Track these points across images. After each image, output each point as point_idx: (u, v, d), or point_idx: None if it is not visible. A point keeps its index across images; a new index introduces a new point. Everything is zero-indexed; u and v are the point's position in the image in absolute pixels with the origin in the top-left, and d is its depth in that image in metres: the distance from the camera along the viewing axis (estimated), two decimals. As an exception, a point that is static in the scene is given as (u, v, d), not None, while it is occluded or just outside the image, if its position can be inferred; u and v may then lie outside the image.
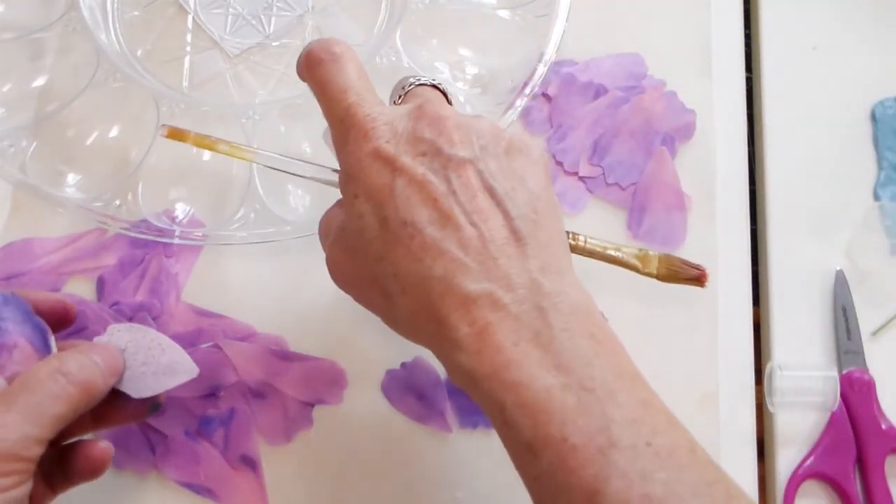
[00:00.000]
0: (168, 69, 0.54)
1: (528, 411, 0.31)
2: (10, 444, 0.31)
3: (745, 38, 0.58)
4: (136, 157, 0.50)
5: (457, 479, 0.46)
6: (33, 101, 0.51)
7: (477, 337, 0.32)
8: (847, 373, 0.48)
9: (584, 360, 0.31)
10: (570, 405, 0.30)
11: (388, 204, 0.33)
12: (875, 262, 0.51)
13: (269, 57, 0.55)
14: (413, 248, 0.33)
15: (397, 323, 0.35)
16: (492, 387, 0.31)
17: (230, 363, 0.47)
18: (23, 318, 0.35)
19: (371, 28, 0.56)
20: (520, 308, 0.32)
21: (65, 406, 0.33)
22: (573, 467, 0.30)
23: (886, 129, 0.54)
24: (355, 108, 0.36)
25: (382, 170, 0.34)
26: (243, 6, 0.56)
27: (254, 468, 0.45)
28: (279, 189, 0.50)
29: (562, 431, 0.30)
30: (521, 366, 0.31)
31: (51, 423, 0.33)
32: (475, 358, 0.32)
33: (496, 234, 0.33)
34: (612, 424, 0.30)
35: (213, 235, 0.48)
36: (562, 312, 0.32)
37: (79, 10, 0.52)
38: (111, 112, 0.51)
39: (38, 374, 0.33)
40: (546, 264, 0.33)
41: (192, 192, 0.50)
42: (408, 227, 0.33)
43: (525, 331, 0.32)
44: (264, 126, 0.50)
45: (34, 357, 0.35)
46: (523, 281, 0.32)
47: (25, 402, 0.32)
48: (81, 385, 0.34)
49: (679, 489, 0.29)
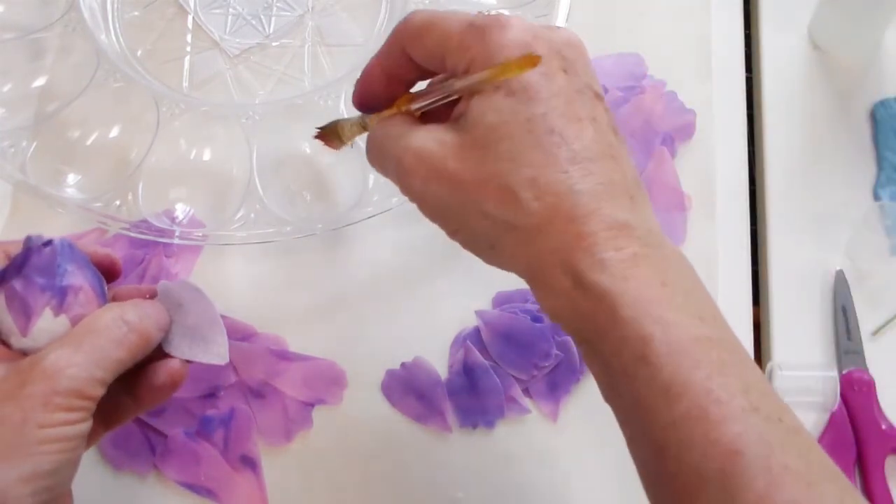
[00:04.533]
0: (168, 69, 0.54)
1: (673, 351, 0.29)
2: (79, 382, 0.32)
3: (745, 38, 0.58)
4: (136, 158, 0.50)
5: (457, 479, 0.46)
6: (33, 101, 0.52)
7: (625, 263, 0.30)
8: (847, 373, 0.48)
9: (717, 318, 0.31)
10: (714, 359, 0.29)
11: (537, 105, 0.31)
12: (875, 262, 0.51)
13: (268, 57, 0.55)
14: (560, 158, 0.31)
15: (510, 228, 0.32)
16: (637, 316, 0.30)
17: (230, 363, 0.47)
18: (84, 265, 0.37)
19: (371, 28, 0.56)
20: (660, 251, 0.31)
21: (126, 352, 0.34)
22: (716, 420, 0.28)
23: (886, 129, 0.54)
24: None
25: (530, 71, 0.31)
26: (243, 6, 0.56)
27: (254, 468, 0.45)
28: (279, 189, 0.50)
29: (707, 382, 0.29)
30: (669, 305, 0.30)
31: (113, 366, 0.34)
32: (621, 282, 0.30)
33: (629, 174, 0.32)
34: (751, 389, 0.29)
35: (214, 235, 0.48)
36: (686, 266, 0.32)
37: (79, 10, 0.52)
38: (111, 112, 0.51)
39: (103, 320, 0.35)
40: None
41: (192, 193, 0.50)
42: (554, 136, 0.31)
43: (670, 273, 0.31)
44: (264, 126, 0.50)
45: (95, 302, 0.36)
46: (657, 228, 0.32)
47: (91, 346, 0.33)
48: (140, 333, 0.35)
49: (814, 469, 0.29)
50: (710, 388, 0.29)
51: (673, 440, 0.29)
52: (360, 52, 0.55)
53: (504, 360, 0.48)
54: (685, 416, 0.29)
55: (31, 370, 0.32)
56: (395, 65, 0.35)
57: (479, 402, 0.47)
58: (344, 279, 0.50)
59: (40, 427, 0.31)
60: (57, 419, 0.32)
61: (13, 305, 0.35)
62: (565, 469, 0.46)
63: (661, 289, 0.30)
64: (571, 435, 0.47)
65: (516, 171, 0.31)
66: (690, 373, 0.29)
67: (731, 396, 0.29)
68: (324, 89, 0.51)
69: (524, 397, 0.47)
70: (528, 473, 0.46)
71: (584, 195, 0.31)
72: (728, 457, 0.28)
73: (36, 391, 0.32)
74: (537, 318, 0.48)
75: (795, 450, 0.29)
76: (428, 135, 0.33)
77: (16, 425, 0.31)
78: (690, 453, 0.29)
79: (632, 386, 0.30)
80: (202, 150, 0.51)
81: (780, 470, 0.28)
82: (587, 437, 0.47)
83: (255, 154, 0.49)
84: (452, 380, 0.47)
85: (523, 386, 0.48)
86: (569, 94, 0.32)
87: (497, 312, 0.49)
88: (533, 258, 0.32)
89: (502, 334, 0.48)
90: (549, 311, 0.32)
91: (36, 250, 0.35)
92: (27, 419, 0.31)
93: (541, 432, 0.47)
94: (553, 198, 0.31)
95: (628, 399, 0.31)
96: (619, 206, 0.31)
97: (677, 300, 0.30)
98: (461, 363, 0.48)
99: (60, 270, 0.35)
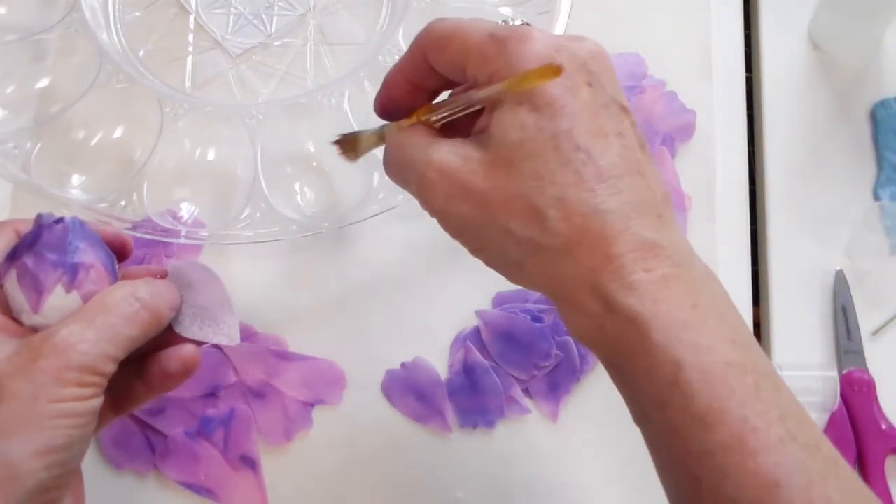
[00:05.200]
0: (170, 69, 0.54)
1: (707, 378, 0.28)
2: (90, 357, 0.32)
3: (745, 38, 0.58)
4: (140, 158, 0.50)
5: (457, 479, 0.46)
6: (37, 102, 0.52)
7: (655, 285, 0.29)
8: (847, 373, 0.48)
9: (748, 341, 0.30)
10: (749, 384, 0.29)
11: (562, 120, 0.31)
12: (875, 262, 0.51)
13: (271, 56, 0.55)
14: (586, 176, 0.30)
15: (535, 247, 0.31)
16: (668, 341, 0.29)
17: (230, 363, 0.47)
18: (95, 243, 0.36)
19: (373, 27, 0.56)
20: (691, 272, 0.31)
21: (137, 329, 0.34)
22: (753, 450, 0.28)
23: (886, 129, 0.54)
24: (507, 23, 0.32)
25: (554, 85, 0.31)
26: (245, 6, 0.56)
27: (254, 468, 0.45)
28: (284, 188, 0.50)
29: (742, 410, 0.28)
30: (701, 330, 0.29)
31: (124, 343, 0.34)
32: (651, 305, 0.29)
33: (657, 191, 0.32)
34: (787, 417, 0.29)
35: (219, 235, 0.48)
36: (716, 286, 0.31)
37: (80, 11, 0.52)
38: (115, 113, 0.51)
39: (114, 296, 0.34)
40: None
41: (197, 192, 0.50)
42: (580, 153, 0.30)
43: (701, 294, 0.30)
44: (268, 125, 0.50)
45: (106, 280, 0.36)
46: (687, 247, 0.31)
47: (103, 322, 0.33)
48: (152, 311, 0.35)
49: (853, 492, 0.28)
50: (745, 416, 0.28)
51: (708, 470, 0.28)
52: (361, 50, 0.55)
53: (504, 360, 0.48)
54: (721, 446, 0.28)
55: (42, 346, 0.32)
56: (417, 73, 0.35)
57: (479, 402, 0.47)
58: (344, 279, 0.50)
59: (53, 402, 0.31)
60: (69, 394, 0.32)
61: (25, 282, 0.35)
62: (565, 469, 0.46)
63: (692, 311, 0.29)
64: (571, 435, 0.47)
65: (542, 190, 0.30)
66: (726, 400, 0.28)
67: (769, 425, 0.28)
68: (327, 88, 0.51)
69: (524, 397, 0.47)
70: (528, 473, 0.46)
71: (612, 214, 0.30)
72: (766, 488, 0.27)
73: (48, 366, 0.32)
74: (537, 318, 0.48)
75: (836, 481, 0.28)
76: (452, 149, 0.32)
77: (28, 400, 0.31)
78: (726, 484, 0.28)
79: (664, 413, 0.29)
80: (206, 149, 0.51)
81: (820, 502, 0.27)
82: (587, 437, 0.47)
83: (260, 153, 0.49)
84: (452, 380, 0.48)
85: (523, 386, 0.48)
86: (594, 108, 0.31)
87: (497, 312, 0.49)
88: (560, 279, 0.31)
89: (502, 334, 0.48)
90: (578, 334, 0.32)
91: (48, 227, 0.35)
92: (39, 394, 0.31)
93: (541, 432, 0.47)
94: (580, 218, 0.30)
95: (660, 426, 0.30)
96: (647, 224, 0.31)
97: (710, 323, 0.30)
98: (461, 363, 0.48)
99: (72, 247, 0.35)
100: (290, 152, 0.51)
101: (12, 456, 0.30)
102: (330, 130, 0.43)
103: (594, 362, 0.48)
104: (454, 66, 0.33)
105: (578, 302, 0.31)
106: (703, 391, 0.28)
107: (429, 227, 0.52)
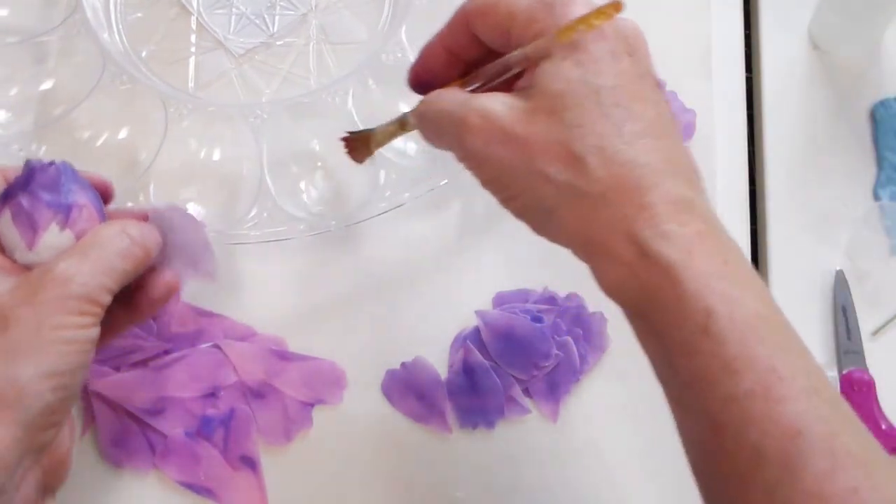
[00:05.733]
0: (173, 70, 0.54)
1: (738, 326, 0.29)
2: (89, 288, 0.34)
3: (745, 38, 0.58)
4: (146, 159, 0.50)
5: (457, 479, 0.46)
6: (41, 104, 0.52)
7: (689, 237, 0.30)
8: (847, 373, 0.48)
9: (774, 303, 0.31)
10: (777, 338, 0.29)
11: (605, 78, 0.32)
12: (875, 262, 0.51)
13: (273, 56, 0.55)
14: (624, 131, 0.31)
15: (572, 193, 0.32)
16: (700, 289, 0.29)
17: (230, 363, 0.47)
18: (85, 186, 0.38)
19: (375, 25, 0.56)
20: (721, 234, 0.32)
21: (130, 263, 0.36)
22: (779, 398, 0.28)
23: (886, 129, 0.54)
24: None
25: (599, 46, 0.32)
26: (246, 6, 0.56)
27: (254, 468, 0.45)
28: (290, 187, 0.50)
29: (770, 359, 0.29)
30: (732, 282, 0.30)
31: (118, 276, 0.36)
32: (685, 255, 0.30)
33: (690, 160, 0.33)
34: (812, 372, 0.29)
35: (227, 235, 0.48)
36: (742, 253, 0.32)
37: (82, 12, 0.52)
38: (119, 114, 0.51)
39: (107, 233, 0.36)
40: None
41: (203, 192, 0.50)
42: (621, 109, 0.32)
43: (730, 253, 0.31)
44: (272, 125, 0.50)
45: (96, 220, 0.38)
46: (715, 213, 0.32)
47: (98, 256, 0.35)
48: (142, 246, 0.37)
49: (871, 449, 0.29)
50: (773, 366, 0.29)
51: (733, 416, 0.29)
52: (364, 49, 0.55)
53: (504, 360, 0.48)
54: (747, 393, 0.28)
55: (43, 278, 0.34)
56: (458, 42, 0.36)
57: (479, 402, 0.47)
58: (343, 279, 0.50)
59: (55, 329, 0.33)
60: (71, 322, 0.33)
61: (19, 220, 0.36)
62: (565, 469, 0.46)
63: (724, 266, 0.30)
64: (571, 435, 0.47)
65: (584, 138, 0.31)
66: (754, 348, 0.29)
67: (794, 376, 0.29)
68: (331, 87, 0.51)
69: (524, 397, 0.47)
70: (528, 473, 0.46)
71: (648, 168, 0.31)
72: (789, 436, 0.28)
73: (50, 297, 0.33)
74: (537, 318, 0.48)
75: (856, 435, 0.29)
76: (495, 99, 0.33)
77: (33, 327, 0.33)
78: (751, 431, 0.28)
79: (691, 360, 0.30)
80: (212, 149, 0.51)
81: (843, 453, 0.28)
82: (587, 437, 0.47)
83: (265, 152, 0.49)
84: (452, 380, 0.48)
85: (523, 386, 0.48)
86: (633, 75, 0.33)
87: (497, 312, 0.49)
88: (594, 227, 0.32)
89: (502, 334, 0.48)
90: (608, 283, 0.32)
91: (41, 169, 0.37)
92: (43, 322, 0.33)
93: (541, 432, 0.47)
94: (619, 168, 0.31)
95: (686, 373, 0.30)
96: (681, 183, 0.32)
97: (740, 278, 0.30)
98: (461, 363, 0.48)
99: (65, 188, 0.37)
100: (295, 151, 0.51)
101: (20, 378, 0.32)
102: (334, 129, 0.43)
103: (594, 362, 0.48)
104: (499, 30, 0.34)
105: (612, 249, 0.31)
106: (732, 339, 0.29)
107: (428, 227, 0.52)
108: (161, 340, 0.47)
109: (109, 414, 0.46)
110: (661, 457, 0.45)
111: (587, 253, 0.33)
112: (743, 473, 0.29)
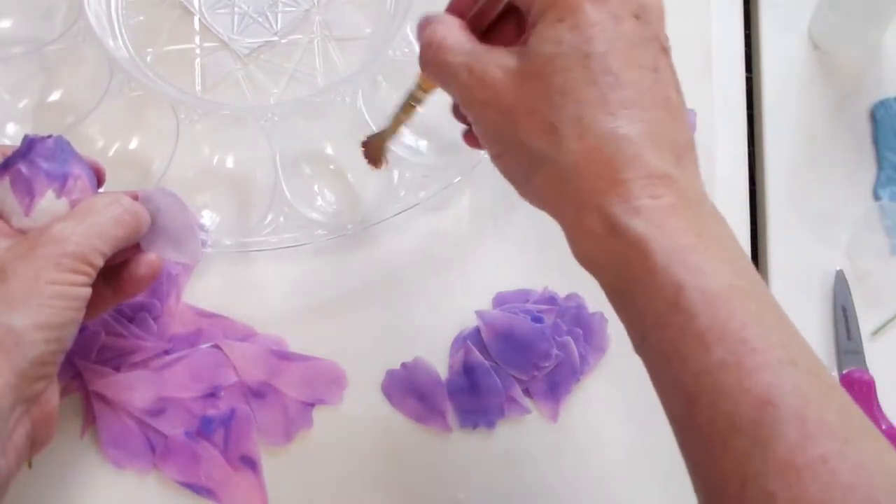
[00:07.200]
0: (179, 73, 0.54)
1: (708, 299, 0.29)
2: (83, 248, 0.36)
3: (746, 38, 0.58)
4: (159, 167, 0.49)
5: (457, 479, 0.46)
6: (50, 115, 0.51)
7: (661, 211, 0.30)
8: (847, 373, 0.48)
9: (752, 273, 0.31)
10: (750, 309, 0.29)
11: (598, 43, 0.31)
12: (875, 262, 0.51)
13: (278, 55, 0.55)
14: (610, 98, 0.31)
15: (546, 163, 0.32)
16: (671, 263, 0.29)
17: (230, 363, 0.47)
18: (81, 160, 0.40)
19: (378, 18, 0.56)
20: (699, 209, 0.31)
21: (122, 230, 0.38)
22: (749, 369, 0.28)
23: (886, 129, 0.54)
24: None
25: (598, 8, 0.32)
26: (248, 4, 0.56)
27: (254, 468, 0.45)
28: (304, 190, 0.49)
29: (742, 331, 0.28)
30: (704, 255, 0.30)
31: (111, 240, 0.38)
32: (655, 229, 0.30)
33: (681, 132, 0.32)
34: (790, 342, 0.29)
35: (244, 242, 0.48)
36: (724, 225, 0.32)
37: (85, 19, 0.51)
38: (130, 122, 0.51)
39: (101, 201, 0.38)
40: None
41: (218, 199, 0.50)
42: (610, 76, 0.31)
43: (706, 227, 0.31)
44: (284, 126, 0.50)
45: (90, 192, 0.40)
46: (700, 189, 0.32)
47: (93, 220, 0.37)
48: (134, 215, 0.39)
49: (853, 425, 0.28)
50: (745, 338, 0.28)
51: (705, 388, 0.29)
52: (368, 44, 0.55)
53: (504, 360, 0.48)
54: (719, 365, 0.28)
55: (40, 237, 0.36)
56: None
57: (479, 402, 0.47)
58: (344, 279, 0.50)
59: (51, 283, 0.35)
60: (65, 279, 0.35)
61: (18, 186, 0.38)
62: (565, 469, 0.46)
63: (696, 238, 0.30)
64: (571, 435, 0.47)
65: (564, 107, 0.31)
66: (725, 321, 0.29)
67: (768, 347, 0.28)
68: (340, 86, 0.51)
69: (524, 397, 0.47)
70: (528, 473, 0.46)
71: (627, 141, 0.31)
72: (760, 407, 0.28)
73: (46, 253, 0.35)
74: (537, 319, 0.48)
75: (834, 405, 0.28)
76: (493, 59, 0.33)
77: (30, 280, 0.35)
78: (723, 402, 0.28)
79: (664, 334, 0.30)
80: (225, 154, 0.51)
81: (815, 423, 0.27)
82: (587, 437, 0.47)
83: (279, 156, 0.49)
84: (452, 380, 0.48)
85: (523, 386, 0.48)
86: (633, 39, 0.32)
87: (497, 312, 0.49)
88: (566, 198, 0.32)
89: (502, 334, 0.48)
90: (581, 255, 0.32)
91: (40, 141, 0.39)
92: (40, 275, 0.35)
93: (541, 432, 0.47)
94: (594, 140, 0.31)
95: (659, 348, 0.30)
96: (661, 157, 0.31)
97: (713, 251, 0.30)
98: (461, 363, 0.48)
99: (62, 158, 0.39)
100: (308, 153, 0.51)
101: (17, 326, 0.34)
102: (346, 129, 0.43)
103: (594, 362, 0.48)
104: None
105: (582, 221, 0.31)
106: (703, 312, 0.29)
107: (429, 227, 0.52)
108: (161, 340, 0.47)
109: (109, 414, 0.46)
110: (661, 457, 0.45)
111: (561, 223, 0.33)
112: (716, 445, 0.28)
